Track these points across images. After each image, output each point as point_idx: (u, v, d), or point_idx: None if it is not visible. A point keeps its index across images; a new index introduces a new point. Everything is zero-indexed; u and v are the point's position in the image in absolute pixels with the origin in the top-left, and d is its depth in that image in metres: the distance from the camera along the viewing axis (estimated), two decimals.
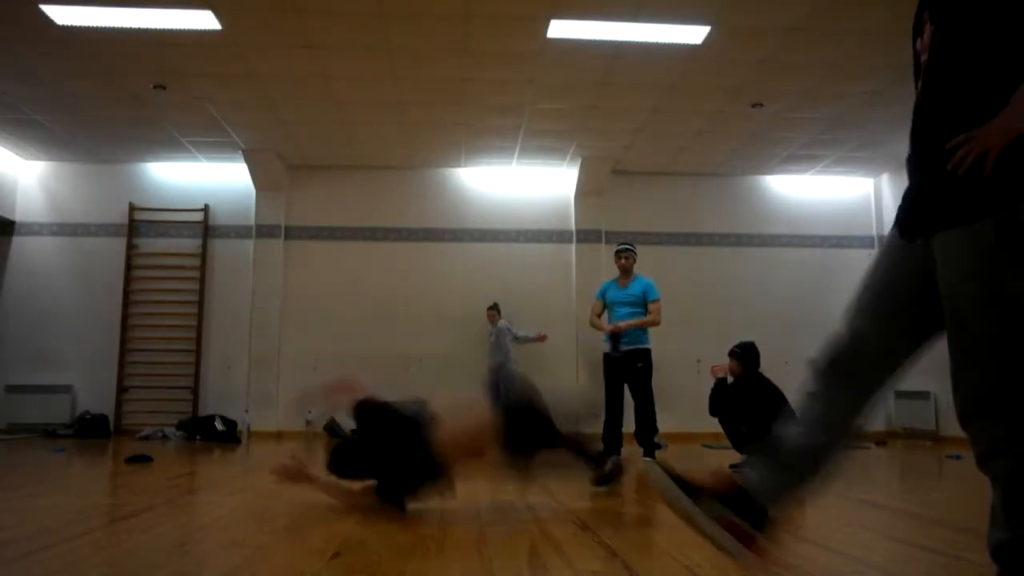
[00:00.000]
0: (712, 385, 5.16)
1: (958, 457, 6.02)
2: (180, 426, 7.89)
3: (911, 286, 1.62)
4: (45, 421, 8.04)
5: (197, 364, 8.38)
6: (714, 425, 5.22)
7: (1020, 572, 1.41)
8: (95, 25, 5.42)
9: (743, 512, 1.70)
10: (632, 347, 5.82)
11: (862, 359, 1.70)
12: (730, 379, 5.04)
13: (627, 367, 5.81)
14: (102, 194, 8.68)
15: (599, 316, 5.96)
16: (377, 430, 3.25)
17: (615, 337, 5.78)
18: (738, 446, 5.07)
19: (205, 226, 8.65)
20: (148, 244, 8.64)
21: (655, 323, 5.83)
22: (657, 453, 5.98)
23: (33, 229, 8.60)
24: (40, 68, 6.19)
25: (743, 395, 4.93)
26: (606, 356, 5.82)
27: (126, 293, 8.44)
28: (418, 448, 3.07)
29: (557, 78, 6.36)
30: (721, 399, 5.05)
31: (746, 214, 9.05)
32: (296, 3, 5.13)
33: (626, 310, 5.84)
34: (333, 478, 3.22)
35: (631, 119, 7.31)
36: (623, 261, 5.93)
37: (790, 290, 8.86)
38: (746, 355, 5.04)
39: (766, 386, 4.93)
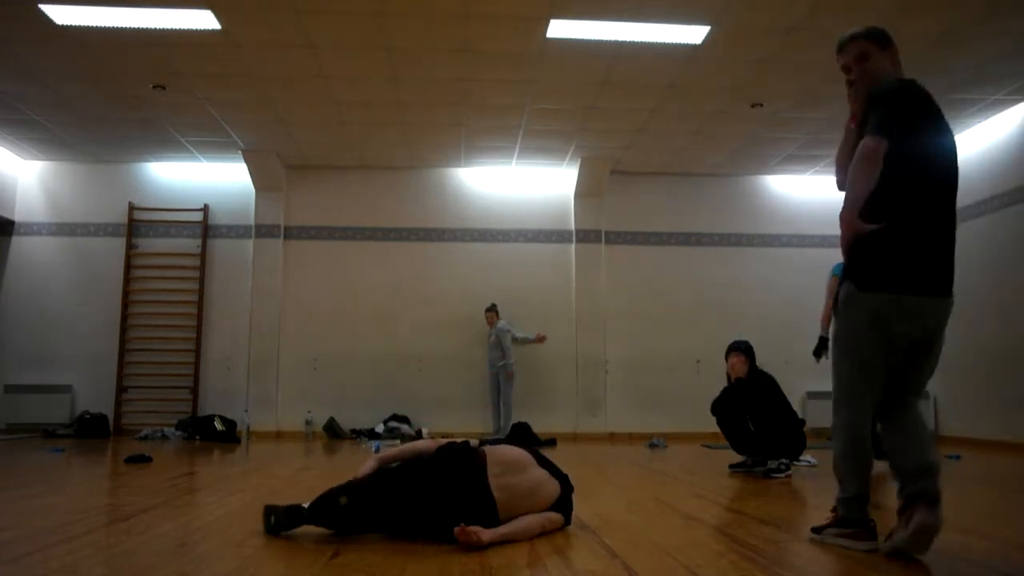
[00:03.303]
0: (726, 385, 5.12)
1: (958, 457, 6.02)
2: (179, 426, 7.89)
3: None
4: (44, 421, 8.03)
5: (196, 364, 8.38)
6: (714, 425, 5.18)
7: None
8: (94, 25, 5.42)
9: None
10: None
11: None
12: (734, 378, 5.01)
13: None
14: (101, 194, 8.68)
15: None
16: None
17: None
18: (740, 446, 5.02)
19: (204, 226, 8.65)
20: (147, 244, 8.64)
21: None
22: (656, 452, 6.00)
23: (33, 229, 8.60)
24: (40, 68, 6.19)
25: (751, 393, 4.89)
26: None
27: (125, 293, 8.44)
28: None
29: (557, 78, 6.36)
30: (732, 399, 4.99)
31: (746, 214, 9.06)
32: (296, 3, 5.13)
33: None
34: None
35: (631, 119, 7.31)
36: None
37: (790, 290, 8.86)
38: (750, 351, 5.01)
39: (768, 382, 4.91)
